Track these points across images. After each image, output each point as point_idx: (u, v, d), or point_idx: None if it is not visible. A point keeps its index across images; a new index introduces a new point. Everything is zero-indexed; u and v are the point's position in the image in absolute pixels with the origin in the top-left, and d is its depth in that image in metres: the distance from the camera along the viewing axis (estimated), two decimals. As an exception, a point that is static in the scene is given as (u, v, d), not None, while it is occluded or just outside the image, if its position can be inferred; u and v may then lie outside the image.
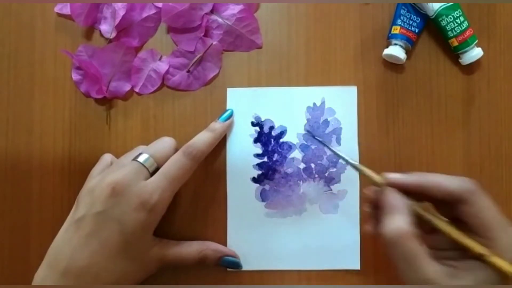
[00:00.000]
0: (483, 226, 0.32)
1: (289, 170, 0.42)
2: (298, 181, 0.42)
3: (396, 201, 0.34)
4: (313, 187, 0.42)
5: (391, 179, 0.35)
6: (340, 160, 0.42)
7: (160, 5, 0.43)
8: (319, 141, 0.42)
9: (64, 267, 0.35)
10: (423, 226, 0.34)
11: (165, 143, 0.40)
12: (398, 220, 0.33)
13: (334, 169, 0.42)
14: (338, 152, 0.39)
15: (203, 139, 0.39)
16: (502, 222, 0.32)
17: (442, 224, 0.34)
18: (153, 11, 0.43)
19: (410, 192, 0.34)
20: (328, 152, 0.42)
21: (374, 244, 0.41)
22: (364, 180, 0.42)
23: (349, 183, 0.42)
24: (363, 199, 0.37)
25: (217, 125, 0.41)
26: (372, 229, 0.37)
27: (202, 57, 0.43)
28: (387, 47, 0.42)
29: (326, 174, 0.42)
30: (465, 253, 0.33)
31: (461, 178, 0.34)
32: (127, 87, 0.43)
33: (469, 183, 0.33)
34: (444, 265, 0.32)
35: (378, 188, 0.36)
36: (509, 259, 0.31)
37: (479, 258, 0.32)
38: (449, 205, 0.34)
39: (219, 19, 0.43)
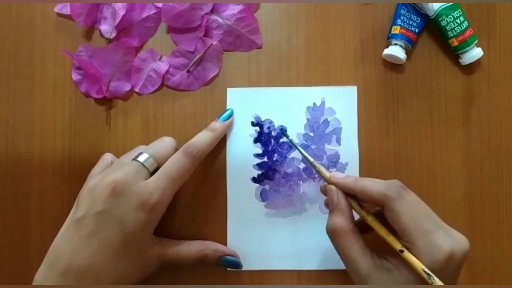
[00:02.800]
0: (401, 231, 0.33)
1: (289, 170, 0.42)
2: (298, 181, 0.42)
3: (334, 199, 0.36)
4: (313, 187, 0.42)
5: (331, 178, 0.37)
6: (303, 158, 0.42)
7: (160, 5, 0.43)
8: (289, 140, 0.42)
9: (64, 267, 0.35)
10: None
11: (165, 142, 0.40)
12: (335, 217, 0.36)
13: (334, 169, 0.42)
14: (299, 148, 0.41)
15: (203, 138, 0.39)
16: (420, 227, 0.33)
17: (372, 222, 0.35)
18: (153, 11, 0.43)
19: (348, 194, 0.37)
20: (328, 152, 0.42)
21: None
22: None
23: (349, 183, 0.42)
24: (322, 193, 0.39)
25: (217, 125, 0.41)
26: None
27: (202, 57, 0.43)
28: (387, 47, 0.42)
29: (326, 174, 0.42)
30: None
31: (385, 183, 0.35)
32: (127, 87, 0.43)
33: (391, 189, 0.34)
34: (384, 259, 0.35)
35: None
36: (426, 261, 0.32)
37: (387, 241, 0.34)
38: None
39: (219, 19, 0.43)
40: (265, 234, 0.42)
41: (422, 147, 0.43)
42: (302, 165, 0.42)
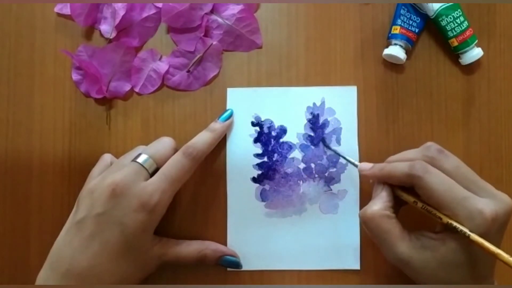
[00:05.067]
0: (438, 205, 0.34)
1: (289, 170, 0.42)
2: (298, 181, 0.42)
3: (378, 191, 0.37)
4: (313, 187, 0.42)
5: (359, 171, 0.39)
6: (341, 160, 0.42)
7: (160, 5, 0.43)
8: (328, 147, 0.42)
9: (66, 269, 0.35)
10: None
11: (165, 143, 0.40)
12: (370, 204, 0.36)
13: (334, 169, 0.42)
14: (338, 152, 0.41)
15: (203, 139, 0.39)
16: (455, 196, 0.33)
17: (424, 206, 0.35)
18: (153, 11, 0.43)
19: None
20: (328, 152, 0.42)
21: (374, 244, 0.41)
22: (365, 180, 0.42)
23: (349, 183, 0.42)
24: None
25: (217, 125, 0.41)
26: None
27: (202, 57, 0.43)
28: (387, 47, 0.42)
29: (326, 174, 0.42)
30: (444, 226, 0.34)
31: (408, 164, 0.35)
32: (127, 87, 0.43)
33: (415, 168, 0.34)
34: (424, 237, 0.35)
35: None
36: (470, 227, 0.32)
37: (450, 227, 0.33)
38: None
39: (219, 19, 0.43)
40: (265, 234, 0.42)
41: (422, 147, 0.43)
42: (302, 165, 0.42)
